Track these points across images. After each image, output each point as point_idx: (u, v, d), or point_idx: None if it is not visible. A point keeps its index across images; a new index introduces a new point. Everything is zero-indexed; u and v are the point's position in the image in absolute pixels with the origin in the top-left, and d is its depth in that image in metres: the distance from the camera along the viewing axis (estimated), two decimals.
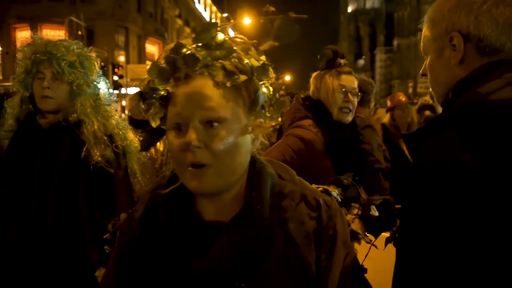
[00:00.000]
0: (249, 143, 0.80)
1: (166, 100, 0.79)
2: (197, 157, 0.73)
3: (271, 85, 0.82)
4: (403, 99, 3.67)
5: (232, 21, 0.81)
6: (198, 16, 36.26)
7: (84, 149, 1.60)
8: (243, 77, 0.76)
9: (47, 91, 1.60)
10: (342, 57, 2.00)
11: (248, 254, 0.76)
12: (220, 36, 0.77)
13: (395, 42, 76.27)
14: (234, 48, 0.78)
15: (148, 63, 25.16)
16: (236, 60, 0.77)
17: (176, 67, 0.76)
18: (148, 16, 26.13)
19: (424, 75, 1.07)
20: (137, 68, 20.89)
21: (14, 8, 22.17)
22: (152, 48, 27.16)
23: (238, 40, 0.80)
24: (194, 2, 34.71)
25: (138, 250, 0.82)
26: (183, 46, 0.76)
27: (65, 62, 1.60)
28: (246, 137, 0.79)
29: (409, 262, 0.83)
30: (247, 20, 0.87)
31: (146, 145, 0.87)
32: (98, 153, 1.60)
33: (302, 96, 2.09)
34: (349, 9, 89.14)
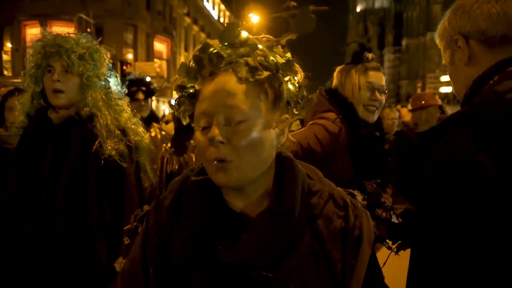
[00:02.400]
0: (274, 138, 0.81)
1: (194, 98, 0.81)
2: (221, 152, 0.75)
3: (297, 82, 0.84)
4: (433, 101, 3.64)
5: (246, 19, 0.81)
6: (206, 15, 36.31)
7: (96, 142, 1.58)
8: (266, 73, 0.77)
9: (57, 84, 1.60)
10: (370, 51, 1.89)
11: (277, 246, 0.77)
12: (244, 34, 0.79)
13: (403, 42, 75.65)
14: (258, 45, 0.79)
15: (156, 61, 25.32)
16: (262, 58, 0.78)
17: (202, 65, 0.79)
18: (157, 14, 26.21)
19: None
20: (145, 66, 20.99)
21: (24, 5, 22.39)
22: (160, 46, 27.23)
23: (263, 38, 0.82)
24: (202, 1, 34.75)
25: (166, 237, 0.84)
26: (210, 45, 0.79)
27: (74, 54, 1.60)
28: (270, 132, 0.80)
29: (423, 261, 0.83)
30: (256, 18, 0.88)
31: (177, 143, 0.89)
32: (110, 147, 1.58)
33: (325, 88, 1.97)
34: (358, 9, 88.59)
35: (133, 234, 1.12)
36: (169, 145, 3.34)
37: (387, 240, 1.31)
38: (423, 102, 3.63)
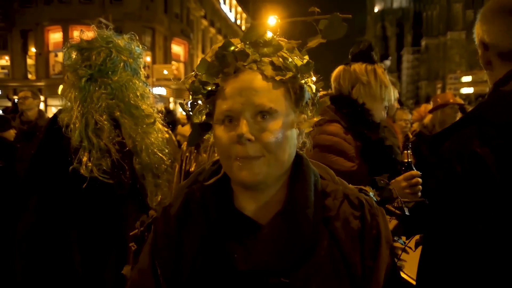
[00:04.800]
0: (295, 137, 0.81)
1: (212, 96, 0.81)
2: (248, 151, 0.74)
3: (314, 84, 0.85)
4: (452, 100, 3.56)
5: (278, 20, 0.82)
6: (223, 17, 36.55)
7: (76, 158, 1.44)
8: (289, 73, 0.78)
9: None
10: (373, 51, 1.87)
11: (293, 250, 0.75)
12: (269, 34, 0.80)
13: (423, 42, 74.34)
14: (282, 46, 0.80)
15: (174, 63, 25.61)
16: (282, 59, 0.79)
17: (226, 62, 0.78)
18: (174, 17, 26.54)
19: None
20: (163, 68, 21.26)
21: (47, 10, 23.03)
22: (177, 49, 27.55)
23: (283, 42, 0.82)
24: (219, 3, 35.00)
25: (175, 245, 0.82)
26: (231, 43, 0.79)
27: (75, 47, 1.55)
28: (293, 131, 0.80)
29: (432, 255, 0.82)
30: (272, 21, 0.89)
31: (193, 140, 0.89)
32: (90, 164, 1.42)
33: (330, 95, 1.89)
34: (376, 9, 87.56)
35: (140, 240, 1.12)
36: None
37: (402, 237, 1.28)
38: (438, 101, 3.57)
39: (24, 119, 3.88)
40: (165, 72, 19.64)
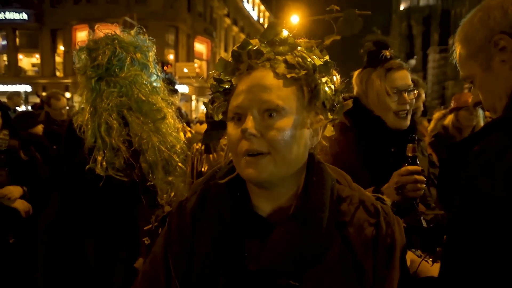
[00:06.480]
0: (307, 138, 0.80)
1: (228, 94, 0.82)
2: (253, 144, 0.74)
3: (334, 86, 0.83)
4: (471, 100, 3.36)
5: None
6: (246, 15, 36.62)
7: (91, 158, 1.47)
8: (303, 72, 0.77)
9: None
10: (386, 47, 1.64)
11: (304, 253, 0.74)
12: (285, 33, 0.80)
13: (450, 41, 72.22)
14: (298, 44, 0.80)
15: (197, 61, 25.86)
16: (299, 58, 0.78)
17: (240, 60, 0.80)
18: (198, 16, 26.78)
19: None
20: (186, 66, 21.50)
21: (75, 10, 23.73)
22: (200, 47, 27.79)
23: (303, 41, 0.82)
24: (242, 2, 35.08)
25: (189, 241, 0.83)
26: (249, 43, 0.81)
27: (84, 49, 1.59)
28: (304, 131, 0.78)
29: (453, 270, 0.77)
30: (295, 19, 0.88)
31: (209, 137, 0.90)
32: (105, 163, 1.44)
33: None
34: (402, 7, 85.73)
35: (154, 235, 1.13)
36: (199, 145, 3.36)
37: (417, 249, 1.24)
38: (452, 103, 3.43)
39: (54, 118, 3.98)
40: (185, 70, 19.84)
